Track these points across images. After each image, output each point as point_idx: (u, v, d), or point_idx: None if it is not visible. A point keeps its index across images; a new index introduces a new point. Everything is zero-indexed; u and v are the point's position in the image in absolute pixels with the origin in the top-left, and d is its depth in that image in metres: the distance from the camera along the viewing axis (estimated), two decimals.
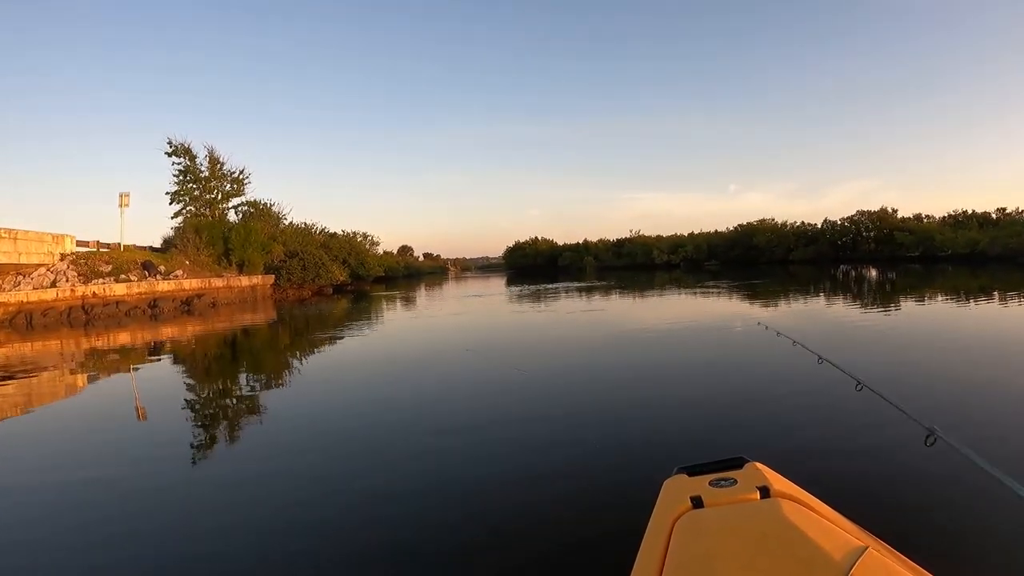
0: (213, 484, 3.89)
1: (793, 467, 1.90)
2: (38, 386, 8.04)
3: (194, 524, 3.23)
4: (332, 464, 4.17)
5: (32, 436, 5.51)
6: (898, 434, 3.81)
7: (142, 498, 3.65)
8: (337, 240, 40.59)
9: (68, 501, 3.70)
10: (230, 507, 3.46)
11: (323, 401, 6.34)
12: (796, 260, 51.53)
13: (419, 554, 2.76)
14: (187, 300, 22.37)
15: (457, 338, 11.51)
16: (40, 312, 19.25)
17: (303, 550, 2.82)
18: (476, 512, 3.20)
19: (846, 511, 1.42)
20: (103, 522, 3.34)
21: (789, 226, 56.71)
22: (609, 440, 4.39)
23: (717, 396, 5.64)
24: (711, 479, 1.46)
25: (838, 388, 5.01)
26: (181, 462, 4.38)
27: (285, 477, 3.91)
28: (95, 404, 6.89)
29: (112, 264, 22.54)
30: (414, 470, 3.90)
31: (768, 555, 1.06)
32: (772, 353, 7.43)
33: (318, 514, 3.25)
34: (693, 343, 9.43)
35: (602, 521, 2.98)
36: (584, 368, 7.61)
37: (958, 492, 3.06)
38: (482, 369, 7.89)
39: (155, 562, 2.82)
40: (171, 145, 30.72)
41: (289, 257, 31.90)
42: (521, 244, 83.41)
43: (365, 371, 8.28)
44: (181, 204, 31.23)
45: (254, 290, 26.90)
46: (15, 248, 20.30)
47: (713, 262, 57.56)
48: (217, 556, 2.86)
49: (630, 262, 64.64)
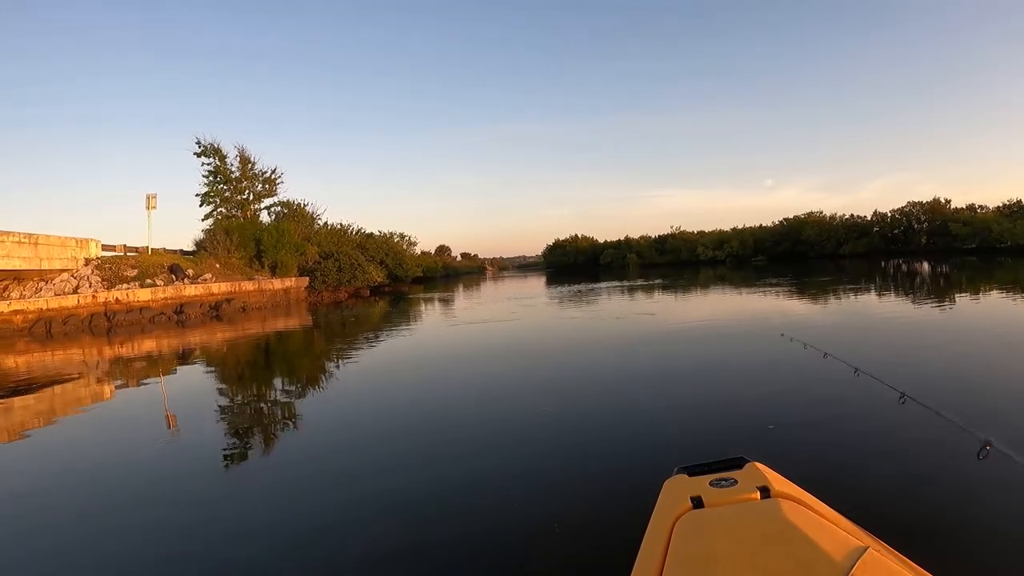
0: (244, 492, 3.80)
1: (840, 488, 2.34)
2: (62, 395, 7.74)
3: (224, 531, 3.15)
4: (362, 475, 3.96)
5: (59, 446, 5.31)
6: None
7: (173, 506, 3.56)
8: (374, 241, 39.14)
9: (97, 508, 3.64)
10: (260, 513, 3.39)
11: (355, 414, 5.87)
12: (847, 255, 49.52)
13: (418, 550, 2.77)
14: (215, 305, 20.95)
15: (496, 349, 10.21)
16: (61, 319, 18.03)
17: (333, 558, 2.75)
18: (474, 512, 3.19)
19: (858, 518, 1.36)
20: (133, 529, 3.26)
21: (838, 219, 54.77)
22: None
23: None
24: (711, 479, 1.43)
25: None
26: (212, 469, 4.27)
27: (317, 487, 3.74)
28: (123, 413, 6.66)
29: (138, 268, 21.30)
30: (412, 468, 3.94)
31: (768, 555, 1.05)
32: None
33: (345, 518, 3.23)
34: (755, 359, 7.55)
35: (603, 521, 2.95)
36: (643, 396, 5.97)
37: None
38: (503, 376, 7.29)
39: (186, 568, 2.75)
40: (200, 145, 29.68)
41: (324, 258, 30.50)
42: (561, 242, 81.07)
43: (397, 383, 7.47)
44: (211, 205, 30.21)
45: (287, 293, 25.46)
46: (36, 253, 19.17)
47: (760, 257, 56.15)
48: (248, 562, 2.80)
49: (674, 259, 63.63)
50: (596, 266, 68.59)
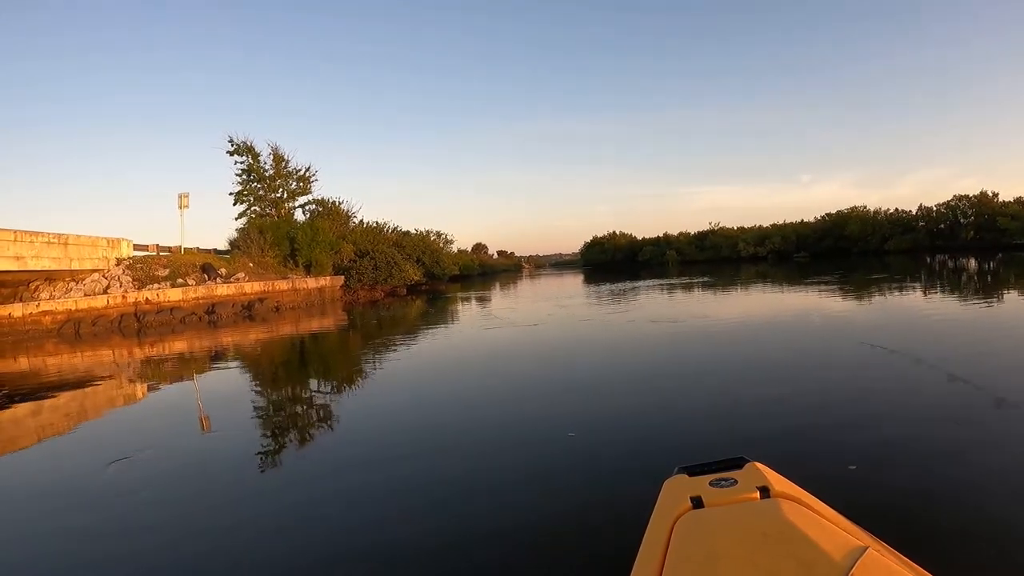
0: (281, 497, 3.60)
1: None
2: (93, 396, 7.53)
3: (260, 536, 3.04)
4: (397, 484, 3.64)
5: (92, 448, 5.09)
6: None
7: (206, 511, 3.43)
8: (411, 239, 38.11)
9: (133, 510, 3.51)
10: (295, 519, 3.21)
11: (391, 419, 5.50)
12: (892, 250, 47.28)
13: (408, 548, 2.74)
14: (248, 305, 20.11)
15: (531, 352, 9.26)
16: (90, 320, 17.38)
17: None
18: (472, 511, 3.13)
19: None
20: (170, 530, 3.16)
21: (882, 214, 52.48)
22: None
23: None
24: (711, 479, 1.44)
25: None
26: (247, 474, 4.08)
27: (354, 496, 3.51)
28: (156, 414, 6.55)
29: (169, 268, 20.63)
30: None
31: (768, 555, 1.05)
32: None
33: (380, 523, 3.09)
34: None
35: (602, 520, 2.88)
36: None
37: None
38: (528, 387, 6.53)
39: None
40: (232, 143, 29.08)
41: (360, 257, 29.62)
42: (599, 239, 79.26)
43: (431, 386, 7.01)
44: (245, 204, 29.58)
45: (321, 292, 24.57)
46: (66, 253, 18.59)
47: (802, 254, 54.23)
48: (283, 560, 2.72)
49: (714, 255, 62.05)
50: (635, 263, 66.82)
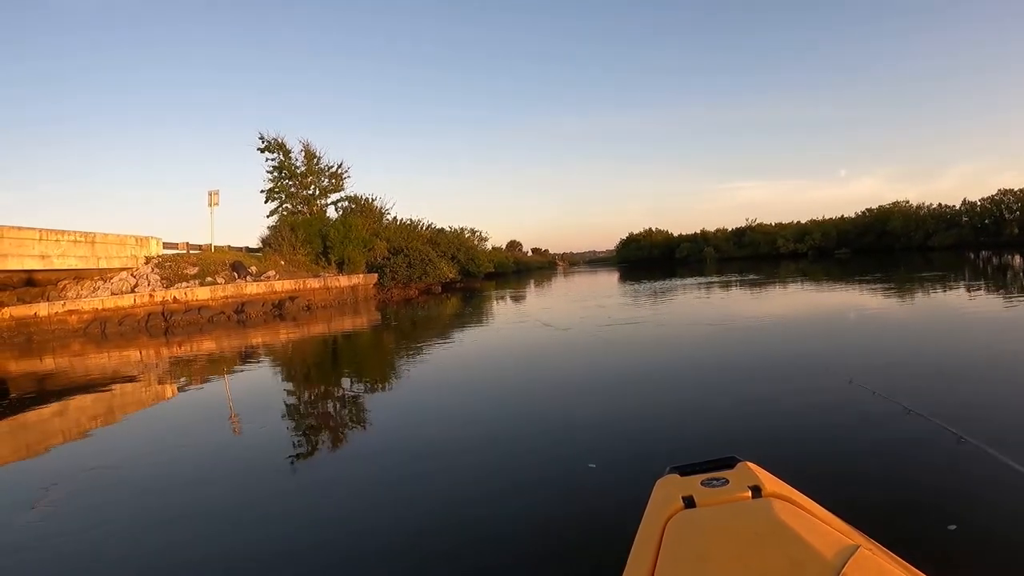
0: (311, 489, 3.64)
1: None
2: (121, 397, 7.38)
3: (294, 541, 2.89)
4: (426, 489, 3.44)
5: (123, 449, 4.92)
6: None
7: (238, 514, 3.33)
8: (445, 236, 37.08)
9: (161, 504, 3.51)
10: (326, 510, 3.23)
11: (421, 420, 5.23)
12: (936, 247, 44.92)
13: (416, 548, 2.69)
14: (278, 303, 19.27)
15: (563, 356, 8.42)
16: (116, 319, 16.72)
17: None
18: (466, 511, 3.06)
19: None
20: (200, 536, 3.05)
21: (925, 209, 50.60)
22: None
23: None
24: (703, 479, 1.42)
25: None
26: (279, 477, 3.92)
27: (381, 490, 3.49)
28: (186, 413, 6.41)
29: (199, 266, 19.94)
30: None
31: (760, 554, 1.04)
32: None
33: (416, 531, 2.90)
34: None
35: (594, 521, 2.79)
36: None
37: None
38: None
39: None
40: (263, 140, 28.41)
41: (393, 254, 28.69)
42: (635, 236, 77.32)
43: (461, 389, 6.60)
44: (276, 201, 28.86)
45: (354, 290, 23.67)
46: (93, 252, 18.02)
47: (843, 250, 52.33)
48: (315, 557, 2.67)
49: (752, 252, 60.41)
50: (671, 260, 64.93)
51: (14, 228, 15.77)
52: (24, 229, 16.02)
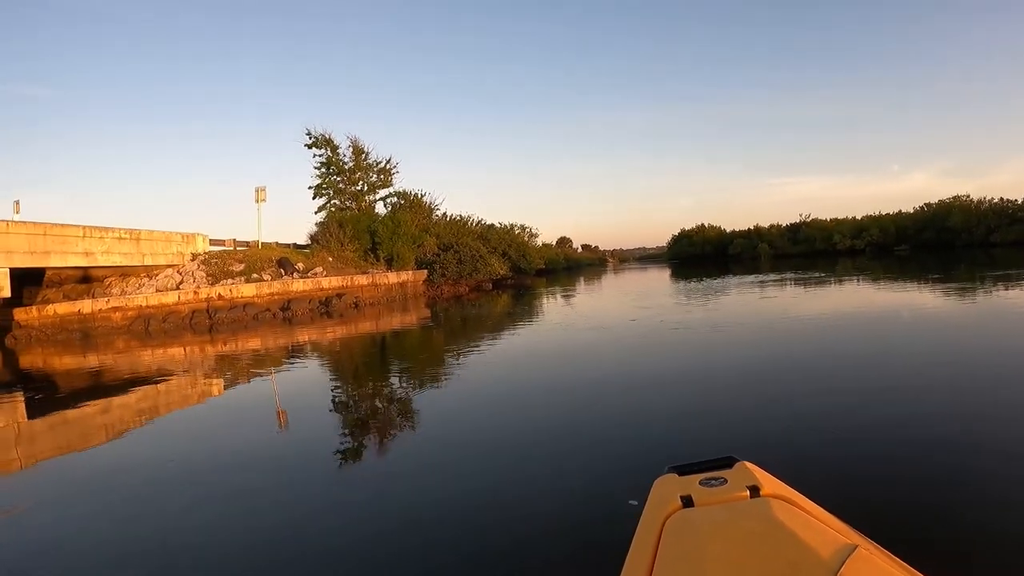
0: (356, 486, 3.62)
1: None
2: (166, 393, 7.32)
3: (339, 537, 2.83)
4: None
5: (168, 445, 4.90)
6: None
7: (282, 508, 3.26)
8: (495, 232, 36.01)
9: (208, 500, 3.50)
10: (367, 517, 3.07)
11: (468, 422, 4.94)
12: (999, 243, 42.04)
13: (413, 548, 2.64)
14: (325, 300, 18.44)
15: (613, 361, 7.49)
16: (160, 316, 16.12)
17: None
18: (463, 512, 3.03)
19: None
20: (244, 531, 3.03)
21: (986, 203, 47.32)
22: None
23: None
24: (701, 478, 1.38)
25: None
26: (326, 472, 3.90)
27: (425, 491, 3.33)
28: (232, 410, 6.37)
29: (245, 263, 19.31)
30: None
31: (758, 554, 1.02)
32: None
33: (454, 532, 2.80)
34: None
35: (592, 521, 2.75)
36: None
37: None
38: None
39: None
40: (310, 136, 27.88)
41: (443, 250, 27.75)
42: (687, 232, 74.76)
43: (509, 392, 6.12)
44: (324, 197, 28.32)
45: (403, 287, 22.73)
46: (138, 249, 17.57)
47: (902, 247, 49.81)
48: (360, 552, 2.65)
49: (807, 249, 57.83)
50: (724, 257, 62.53)
51: (58, 225, 15.36)
52: (68, 226, 15.60)
